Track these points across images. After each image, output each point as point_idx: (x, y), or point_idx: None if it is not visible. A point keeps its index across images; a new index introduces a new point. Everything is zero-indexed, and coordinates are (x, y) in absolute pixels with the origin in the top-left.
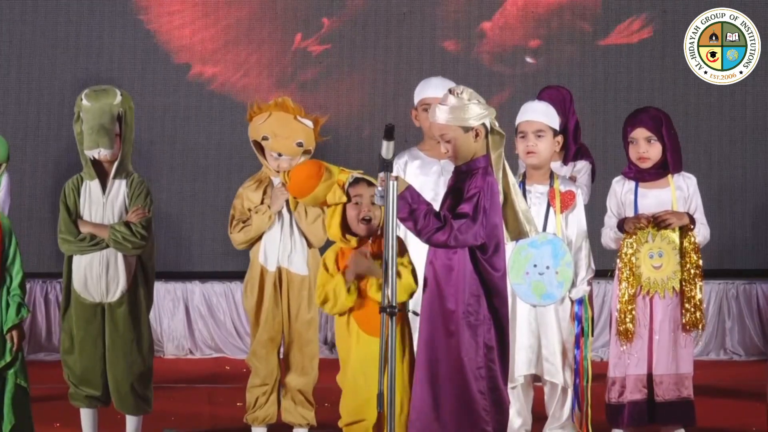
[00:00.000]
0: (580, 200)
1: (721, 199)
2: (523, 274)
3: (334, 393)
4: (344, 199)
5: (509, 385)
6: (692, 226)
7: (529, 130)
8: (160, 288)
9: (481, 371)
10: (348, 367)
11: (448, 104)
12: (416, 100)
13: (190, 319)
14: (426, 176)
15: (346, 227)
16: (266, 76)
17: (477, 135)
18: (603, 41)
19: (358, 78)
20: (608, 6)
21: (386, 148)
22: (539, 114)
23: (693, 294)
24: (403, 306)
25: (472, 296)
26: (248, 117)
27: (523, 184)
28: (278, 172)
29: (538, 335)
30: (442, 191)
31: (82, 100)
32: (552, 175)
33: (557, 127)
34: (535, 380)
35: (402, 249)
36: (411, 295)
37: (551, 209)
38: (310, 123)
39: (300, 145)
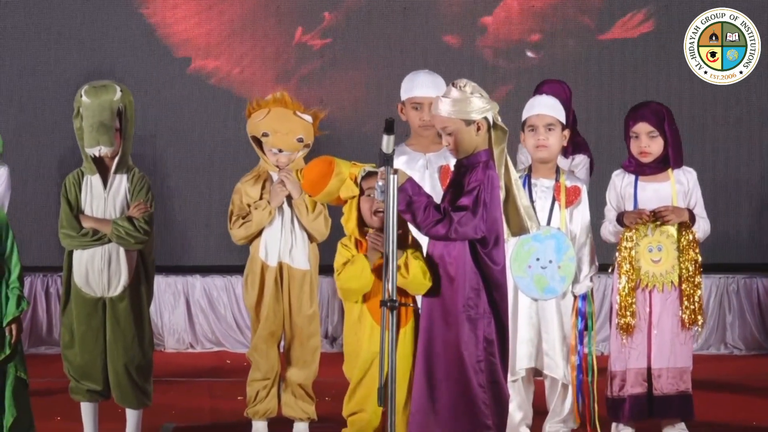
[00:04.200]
0: (585, 196)
1: (721, 193)
2: (526, 267)
3: (334, 387)
4: (357, 192)
5: (510, 379)
6: (691, 224)
7: (540, 124)
8: (160, 282)
9: (481, 365)
10: (357, 358)
11: (451, 97)
12: (404, 96)
13: (190, 312)
14: (412, 170)
15: (362, 222)
16: (267, 70)
17: (479, 128)
18: (604, 36)
19: (359, 72)
20: (610, 0)
21: (386, 143)
22: (549, 108)
23: (692, 292)
24: (415, 300)
25: (472, 290)
26: (247, 113)
27: (528, 178)
28: (278, 167)
29: (539, 329)
30: (427, 184)
31: (81, 96)
32: (558, 170)
33: (564, 121)
34: (536, 374)
35: (415, 245)
36: (424, 290)
37: (556, 204)
38: (309, 118)
39: (300, 140)
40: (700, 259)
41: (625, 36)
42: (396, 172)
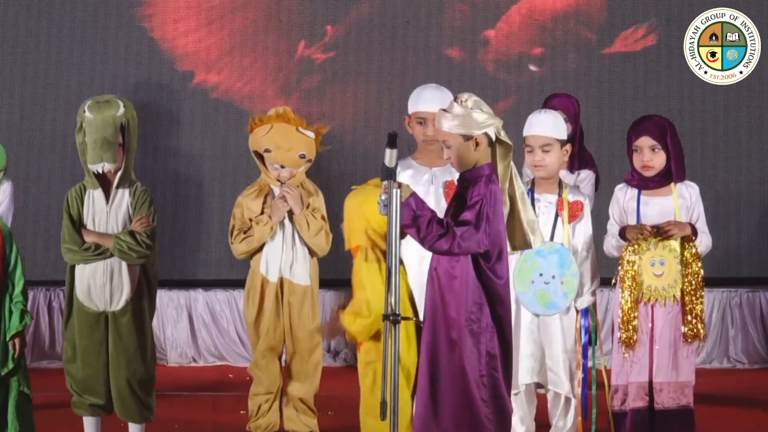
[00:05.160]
0: (588, 210)
1: (725, 206)
2: (529, 282)
3: (337, 401)
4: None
5: (512, 393)
6: (694, 237)
7: (536, 145)
8: (163, 296)
9: (484, 379)
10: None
11: (452, 111)
12: (410, 110)
13: (193, 327)
14: (417, 185)
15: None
16: (270, 83)
17: (477, 144)
18: (607, 49)
19: (362, 86)
20: (612, 14)
21: (389, 156)
22: (547, 128)
23: (694, 306)
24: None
25: (475, 304)
26: (249, 129)
27: (531, 193)
28: (279, 182)
29: (541, 344)
30: (432, 199)
31: (84, 111)
32: (561, 184)
33: (565, 137)
34: (538, 387)
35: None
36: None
37: (559, 219)
38: (311, 134)
39: (302, 156)
40: (702, 272)
41: (627, 50)
42: (399, 186)
